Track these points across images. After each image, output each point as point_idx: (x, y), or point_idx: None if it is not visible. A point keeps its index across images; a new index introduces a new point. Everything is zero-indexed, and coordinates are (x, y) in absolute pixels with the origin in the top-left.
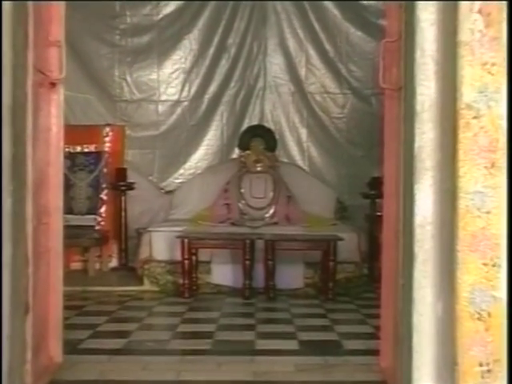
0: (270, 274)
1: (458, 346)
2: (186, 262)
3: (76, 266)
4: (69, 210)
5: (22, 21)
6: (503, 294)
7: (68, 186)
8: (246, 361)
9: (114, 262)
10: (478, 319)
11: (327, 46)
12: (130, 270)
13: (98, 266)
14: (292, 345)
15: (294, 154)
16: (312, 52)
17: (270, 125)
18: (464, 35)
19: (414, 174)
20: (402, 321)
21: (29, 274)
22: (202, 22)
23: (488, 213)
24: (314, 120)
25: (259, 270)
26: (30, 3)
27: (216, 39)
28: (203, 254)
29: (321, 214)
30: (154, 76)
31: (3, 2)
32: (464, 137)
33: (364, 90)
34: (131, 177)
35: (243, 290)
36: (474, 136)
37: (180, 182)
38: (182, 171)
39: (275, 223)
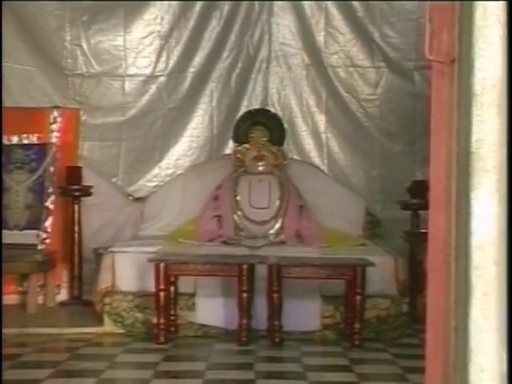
0: (276, 311)
1: None
2: (162, 294)
3: (11, 299)
4: (2, 223)
5: None
6: None
7: (0, 190)
8: None
9: (63, 295)
10: None
11: (355, 3)
12: (84, 304)
13: (41, 299)
14: None
15: (309, 148)
16: (334, 10)
17: (276, 110)
18: None
19: (470, 177)
20: (455, 377)
21: None
22: None
23: None
24: (335, 103)
25: (261, 306)
26: None
27: None
28: (185, 284)
29: (344, 231)
30: (119, 42)
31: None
32: None
33: (404, 63)
34: (88, 178)
35: (239, 333)
36: None
37: (154, 186)
38: (156, 171)
39: (282, 242)
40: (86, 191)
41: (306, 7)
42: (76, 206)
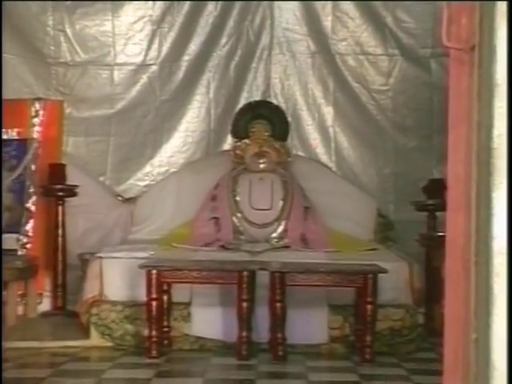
0: (279, 322)
1: None
2: (154, 303)
3: None
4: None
5: None
6: None
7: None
8: None
9: (45, 305)
10: None
11: None
12: (69, 315)
13: (21, 310)
14: None
15: (315, 144)
16: None
17: (278, 101)
18: None
19: (491, 175)
20: None
21: None
22: None
23: None
24: (344, 94)
25: (262, 317)
26: None
27: None
28: (179, 293)
29: (354, 234)
30: (106, 27)
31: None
32: None
33: (419, 50)
34: (73, 177)
35: (238, 346)
36: None
37: (145, 186)
38: (148, 169)
39: (286, 247)
40: (71, 191)
41: None
42: (60, 208)
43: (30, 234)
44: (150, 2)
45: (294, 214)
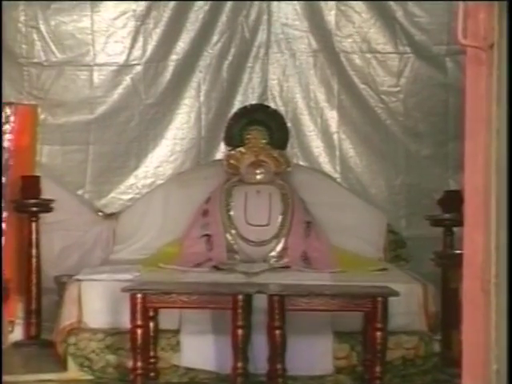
0: (278, 351)
1: None
2: (139, 331)
3: None
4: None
5: None
6: None
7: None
8: None
9: (17, 333)
10: None
11: None
12: (44, 345)
13: None
14: None
15: (318, 152)
16: None
17: (277, 105)
18: None
19: None
20: None
21: None
22: None
23: None
24: (350, 96)
25: (260, 345)
26: None
27: None
28: (167, 319)
29: (362, 252)
30: (85, 23)
31: None
32: None
33: (433, 48)
34: (48, 191)
35: (233, 379)
36: None
37: (129, 200)
38: (131, 181)
39: (286, 267)
40: (46, 206)
41: None
42: (33, 225)
43: (1, 254)
44: None
45: (294, 231)
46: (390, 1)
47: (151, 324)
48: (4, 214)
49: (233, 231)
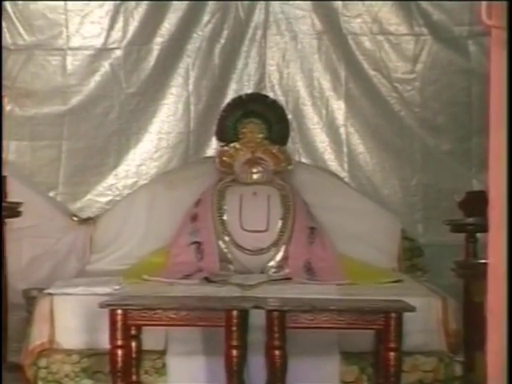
0: (278, 373)
1: None
2: (120, 352)
3: None
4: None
5: None
6: None
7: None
8: None
9: None
10: None
11: None
12: (11, 369)
13: None
14: None
15: (323, 148)
16: None
17: (276, 95)
18: None
19: None
20: None
21: None
22: None
23: None
24: (358, 85)
25: (257, 367)
26: None
27: None
28: (152, 338)
29: (373, 262)
30: (57, 1)
31: None
32: None
33: (454, 29)
34: (15, 192)
35: None
36: None
37: (108, 203)
38: (111, 181)
39: (287, 279)
40: (13, 210)
41: None
42: None
43: None
44: None
45: (296, 237)
46: None
47: (133, 344)
48: None
49: (226, 238)
